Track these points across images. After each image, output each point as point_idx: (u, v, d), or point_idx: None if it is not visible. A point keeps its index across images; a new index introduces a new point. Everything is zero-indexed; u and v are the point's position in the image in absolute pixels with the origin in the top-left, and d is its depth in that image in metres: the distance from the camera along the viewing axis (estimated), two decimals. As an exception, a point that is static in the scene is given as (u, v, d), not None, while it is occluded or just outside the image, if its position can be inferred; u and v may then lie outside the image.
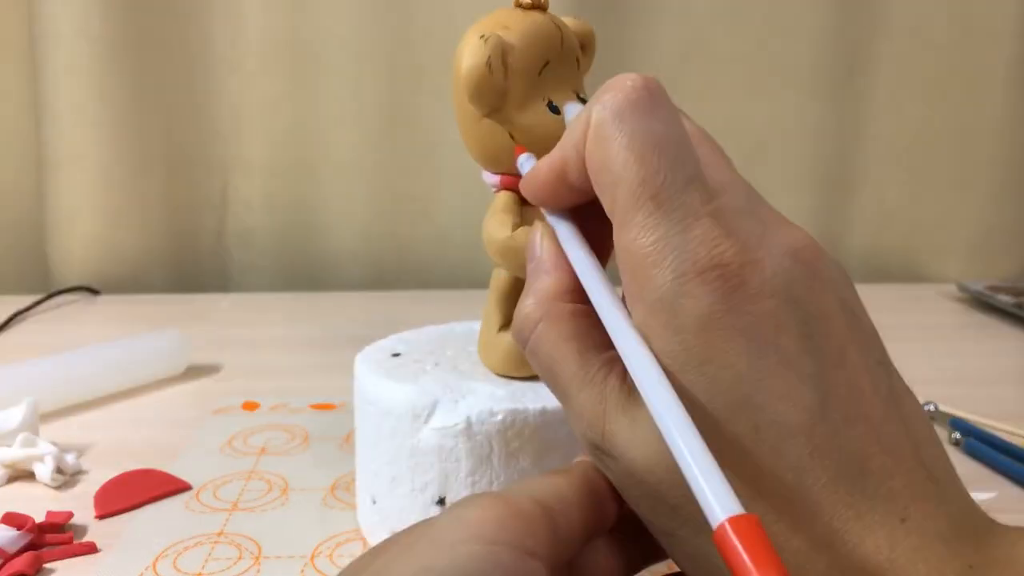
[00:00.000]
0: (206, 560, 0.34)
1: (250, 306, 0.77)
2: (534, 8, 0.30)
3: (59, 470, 0.41)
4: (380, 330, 0.39)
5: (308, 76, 0.79)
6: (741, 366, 0.19)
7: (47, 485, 0.40)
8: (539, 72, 0.30)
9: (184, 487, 0.40)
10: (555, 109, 0.30)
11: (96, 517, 0.38)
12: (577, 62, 0.31)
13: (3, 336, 0.66)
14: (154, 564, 0.34)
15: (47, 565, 0.34)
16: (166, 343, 0.56)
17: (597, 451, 0.22)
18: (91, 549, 0.35)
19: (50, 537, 0.35)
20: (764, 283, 0.20)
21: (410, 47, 0.78)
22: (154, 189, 0.80)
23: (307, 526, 0.37)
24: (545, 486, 0.21)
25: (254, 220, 0.83)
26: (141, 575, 0.33)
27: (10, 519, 0.36)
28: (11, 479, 0.41)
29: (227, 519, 0.38)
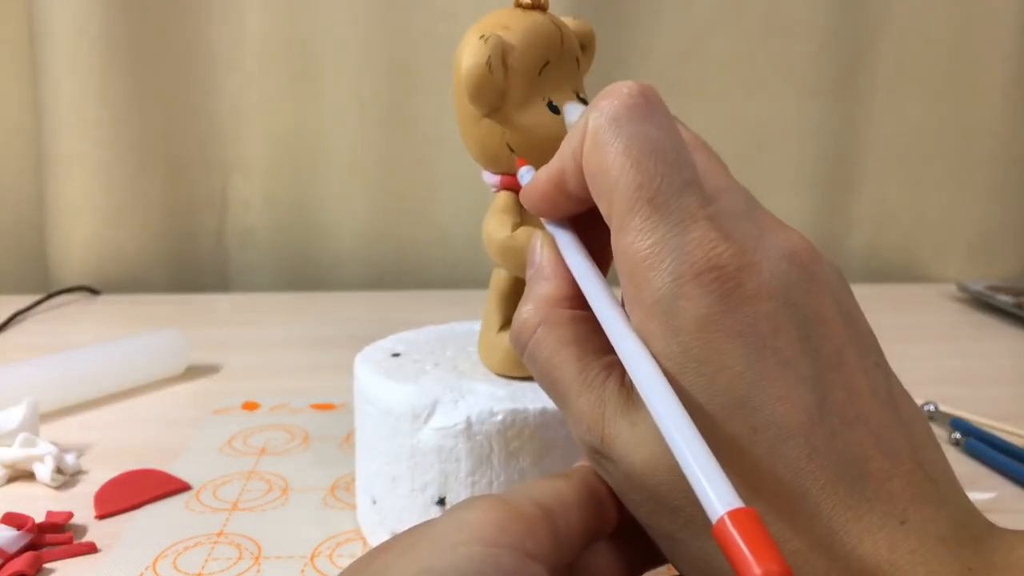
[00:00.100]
0: (206, 560, 0.34)
1: (250, 306, 0.77)
2: (534, 8, 0.30)
3: (59, 470, 0.41)
4: (380, 330, 0.39)
5: (308, 76, 0.79)
6: (739, 367, 0.19)
7: (47, 485, 0.40)
8: (539, 72, 0.30)
9: (184, 487, 0.40)
10: (555, 109, 0.30)
11: (96, 517, 0.38)
12: (577, 62, 0.31)
13: (3, 336, 0.66)
14: (154, 564, 0.34)
15: (47, 565, 0.34)
16: (166, 343, 0.56)
17: (596, 455, 0.22)
18: (91, 549, 0.35)
19: (50, 537, 0.35)
20: (761, 285, 0.20)
21: (410, 47, 0.78)
22: (154, 189, 0.80)
23: (307, 526, 0.37)
24: (546, 489, 0.21)
25: (254, 220, 0.83)
26: (141, 575, 0.33)
27: (10, 519, 0.36)
28: (11, 479, 0.41)
29: (227, 519, 0.38)
